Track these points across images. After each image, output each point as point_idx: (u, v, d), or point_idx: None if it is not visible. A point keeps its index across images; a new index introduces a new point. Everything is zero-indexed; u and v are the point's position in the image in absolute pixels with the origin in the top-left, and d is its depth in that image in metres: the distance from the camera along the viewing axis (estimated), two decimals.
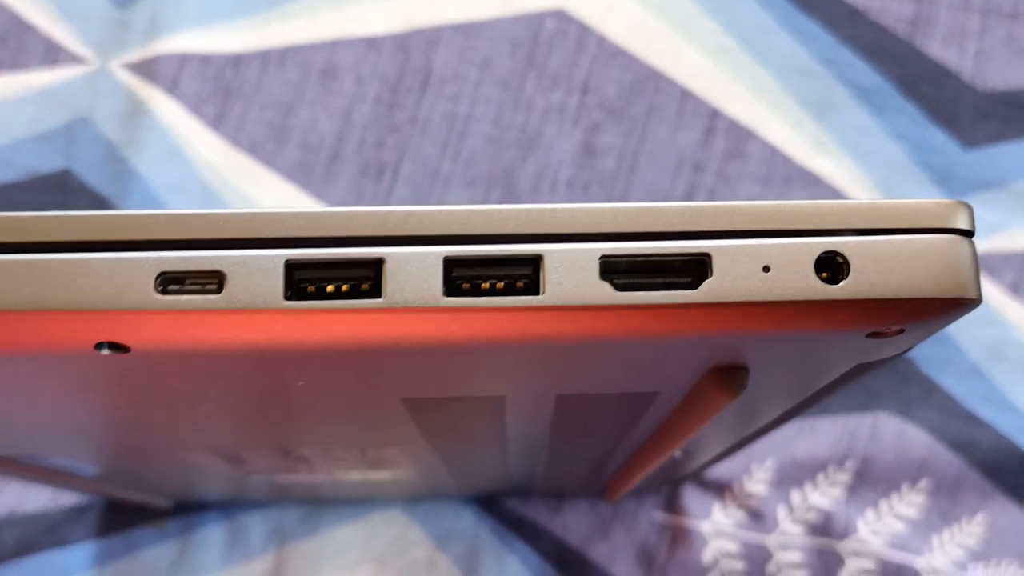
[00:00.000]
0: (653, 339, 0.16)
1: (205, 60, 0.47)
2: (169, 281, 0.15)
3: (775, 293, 0.15)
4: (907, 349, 0.17)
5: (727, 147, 0.46)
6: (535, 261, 0.15)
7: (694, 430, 0.22)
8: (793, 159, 0.46)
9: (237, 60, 0.47)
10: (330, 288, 0.15)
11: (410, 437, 0.25)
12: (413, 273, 0.15)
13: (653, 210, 0.16)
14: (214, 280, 0.15)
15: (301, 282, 0.15)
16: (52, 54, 0.47)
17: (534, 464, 0.32)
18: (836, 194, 0.45)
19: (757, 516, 0.42)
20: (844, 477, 0.42)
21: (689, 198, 0.45)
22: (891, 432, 0.43)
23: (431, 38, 0.47)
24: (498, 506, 0.43)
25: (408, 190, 0.45)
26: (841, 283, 0.15)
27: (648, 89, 0.47)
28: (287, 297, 0.15)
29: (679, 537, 0.42)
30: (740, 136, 0.46)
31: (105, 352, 0.16)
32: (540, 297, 0.15)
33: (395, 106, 0.46)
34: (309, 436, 0.26)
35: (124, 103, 0.46)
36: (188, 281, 0.15)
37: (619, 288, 0.15)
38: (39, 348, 0.16)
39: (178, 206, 0.45)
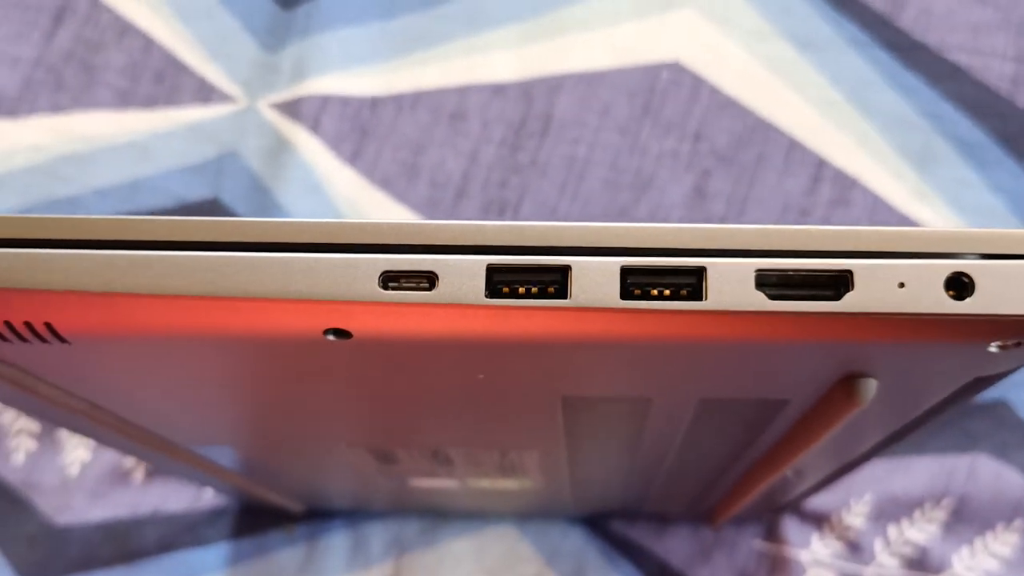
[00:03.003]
0: (798, 344, 0.18)
1: (345, 102, 0.51)
2: (389, 279, 0.18)
3: (908, 307, 0.18)
4: (1021, 365, 0.20)
5: (832, 195, 0.48)
6: (699, 272, 0.18)
7: (816, 440, 0.24)
8: (895, 207, 0.48)
9: (374, 102, 0.51)
10: (521, 289, 0.18)
11: (553, 440, 0.28)
12: (594, 279, 0.18)
13: (802, 232, 0.18)
14: (426, 279, 0.18)
15: (498, 283, 0.18)
16: (204, 92, 0.52)
17: (650, 480, 0.35)
18: None
19: (855, 548, 0.44)
20: (941, 515, 0.44)
21: None
22: (988, 473, 0.44)
23: (554, 86, 0.50)
24: (604, 527, 0.45)
25: None
26: (967, 300, 0.18)
27: (757, 138, 0.49)
28: (487, 295, 0.18)
29: (778, 565, 0.44)
30: (845, 185, 0.48)
31: (331, 338, 0.19)
32: (703, 303, 0.18)
33: (518, 148, 0.50)
34: (465, 433, 0.28)
35: (270, 139, 0.50)
36: (403, 280, 0.18)
37: (772, 298, 0.18)
38: (274, 333, 0.19)
39: None
